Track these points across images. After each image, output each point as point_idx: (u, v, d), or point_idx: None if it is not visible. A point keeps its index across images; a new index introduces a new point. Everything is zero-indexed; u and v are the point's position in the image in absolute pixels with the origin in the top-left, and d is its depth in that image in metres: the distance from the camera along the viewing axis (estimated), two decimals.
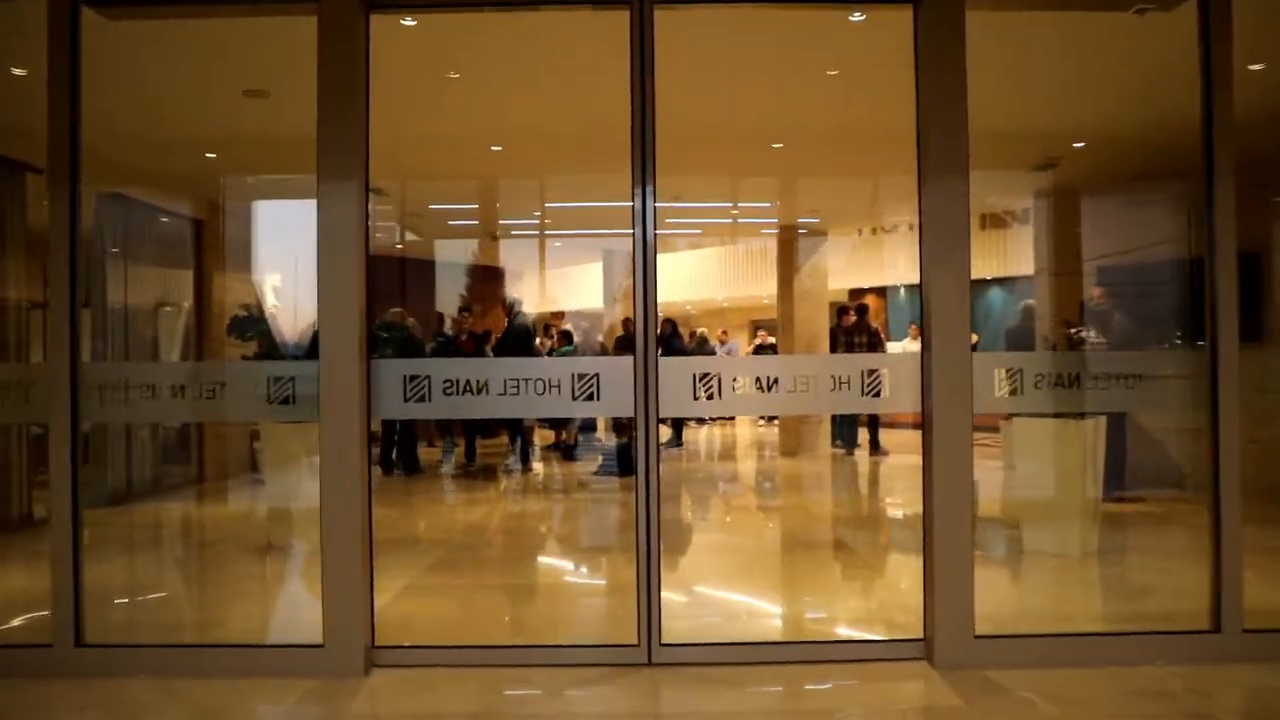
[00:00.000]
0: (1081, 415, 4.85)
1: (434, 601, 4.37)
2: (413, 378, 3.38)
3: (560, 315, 11.96)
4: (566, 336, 10.85)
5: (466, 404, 3.36)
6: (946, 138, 3.37)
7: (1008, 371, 3.47)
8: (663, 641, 3.35)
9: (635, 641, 3.35)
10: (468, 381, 3.35)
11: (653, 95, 3.46)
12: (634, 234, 3.43)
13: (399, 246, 12.27)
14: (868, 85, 5.26)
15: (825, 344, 10.89)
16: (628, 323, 11.56)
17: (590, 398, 3.32)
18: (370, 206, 3.55)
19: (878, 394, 3.41)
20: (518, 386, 3.33)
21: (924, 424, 3.39)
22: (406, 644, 3.43)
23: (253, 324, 5.36)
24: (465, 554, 5.46)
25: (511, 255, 13.98)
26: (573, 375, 3.34)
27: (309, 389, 3.35)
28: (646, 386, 3.33)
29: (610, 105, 3.56)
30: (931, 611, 3.34)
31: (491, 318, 10.59)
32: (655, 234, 3.47)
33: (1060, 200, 7.99)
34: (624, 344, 10.65)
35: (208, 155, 7.01)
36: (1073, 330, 5.80)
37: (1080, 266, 7.82)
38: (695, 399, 3.39)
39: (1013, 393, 3.45)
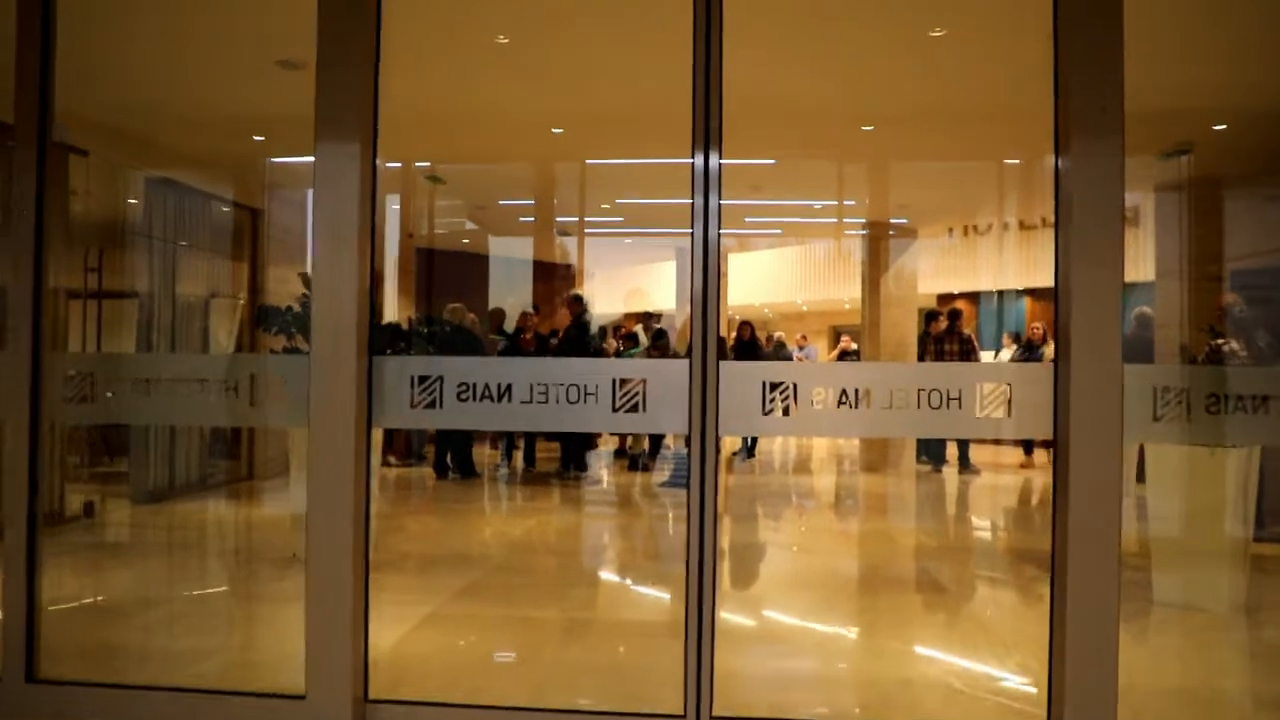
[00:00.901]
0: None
1: (454, 638, 3.81)
2: (422, 379, 2.80)
3: (644, 317, 11.39)
4: (632, 339, 10.25)
5: (483, 413, 2.77)
6: (1096, 102, 2.64)
7: (1167, 390, 2.71)
8: (715, 715, 2.70)
9: (681, 712, 2.71)
10: (486, 386, 2.76)
11: (719, 69, 2.81)
12: (693, 232, 2.79)
13: (465, 242, 11.88)
14: (981, 48, 4.53)
15: (913, 353, 10.06)
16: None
17: (634, 409, 2.69)
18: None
19: (1001, 414, 2.69)
20: (545, 393, 2.72)
21: (1058, 454, 2.66)
22: (405, 699, 2.85)
23: (277, 316, 4.89)
24: (503, 578, 4.90)
25: (583, 253, 13.50)
26: (613, 381, 2.71)
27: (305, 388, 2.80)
28: (704, 398, 2.69)
29: (678, 81, 2.94)
30: (1062, 689, 2.61)
31: (561, 317, 10.03)
32: (719, 229, 2.84)
33: (1195, 193, 7.04)
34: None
35: (255, 138, 6.64)
36: (1219, 342, 4.92)
37: (1219, 270, 6.86)
38: (765, 413, 2.73)
39: (1174, 417, 2.69)
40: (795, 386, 2.74)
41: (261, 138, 6.61)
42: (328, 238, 2.77)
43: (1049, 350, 9.75)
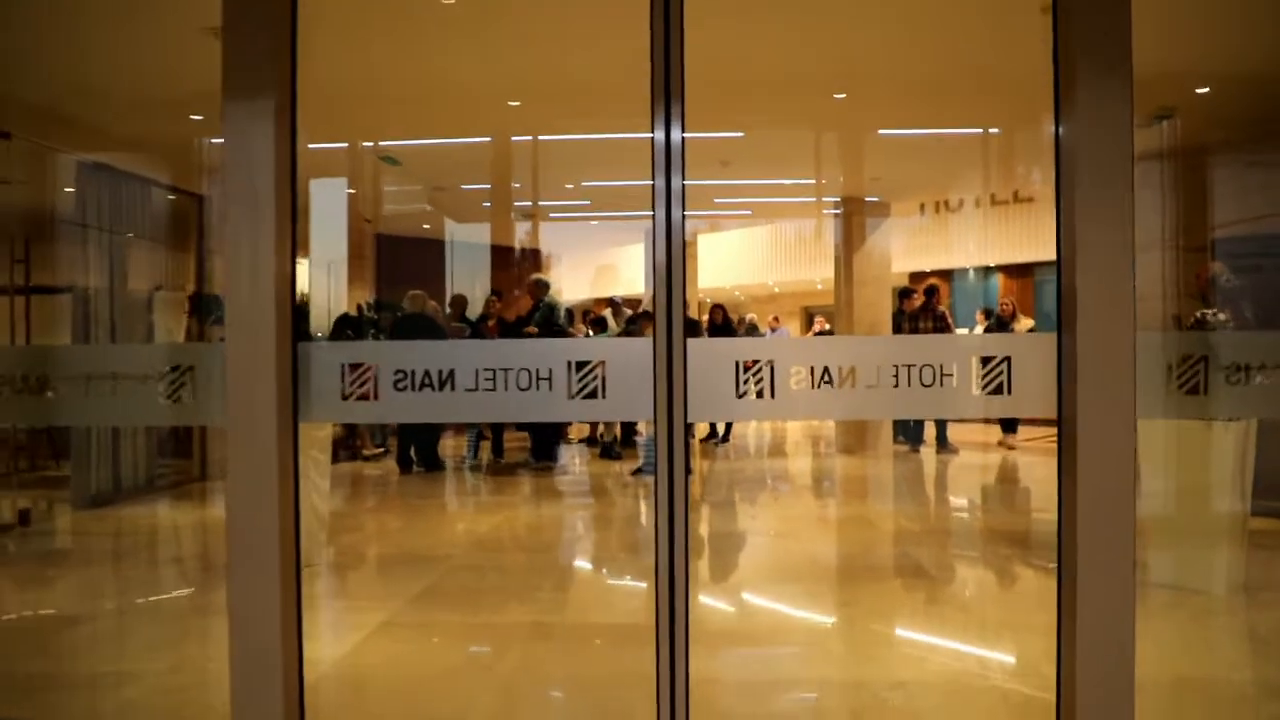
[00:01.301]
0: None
1: (408, 650, 3.50)
2: (354, 366, 2.49)
3: (611, 301, 11.09)
4: (600, 324, 9.96)
5: (425, 403, 2.46)
6: (1100, 40, 2.37)
7: (1183, 360, 2.47)
8: None
9: None
10: (427, 373, 2.45)
11: (680, 32, 2.49)
12: (654, 201, 2.49)
13: (426, 227, 11.50)
14: (959, 5, 4.27)
15: (889, 331, 9.86)
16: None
17: (593, 394, 2.39)
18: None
19: (1000, 390, 2.43)
20: (493, 379, 2.41)
21: (1064, 433, 2.40)
22: None
23: (217, 305, 4.51)
24: (465, 578, 4.60)
25: (548, 237, 13.15)
26: (569, 364, 2.41)
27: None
28: (670, 381, 2.40)
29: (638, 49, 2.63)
30: (1073, 684, 2.36)
31: (525, 303, 9.68)
32: (683, 197, 2.53)
33: (1178, 160, 6.84)
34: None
35: (193, 117, 6.24)
36: (1207, 312, 4.71)
37: (1204, 240, 6.68)
38: (739, 396, 2.44)
39: (1193, 389, 2.45)
40: (772, 365, 2.46)
41: (200, 116, 6.22)
42: (241, 212, 2.44)
43: (1020, 325, 9.64)
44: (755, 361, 2.46)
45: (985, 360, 2.45)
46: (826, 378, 2.49)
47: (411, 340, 8.48)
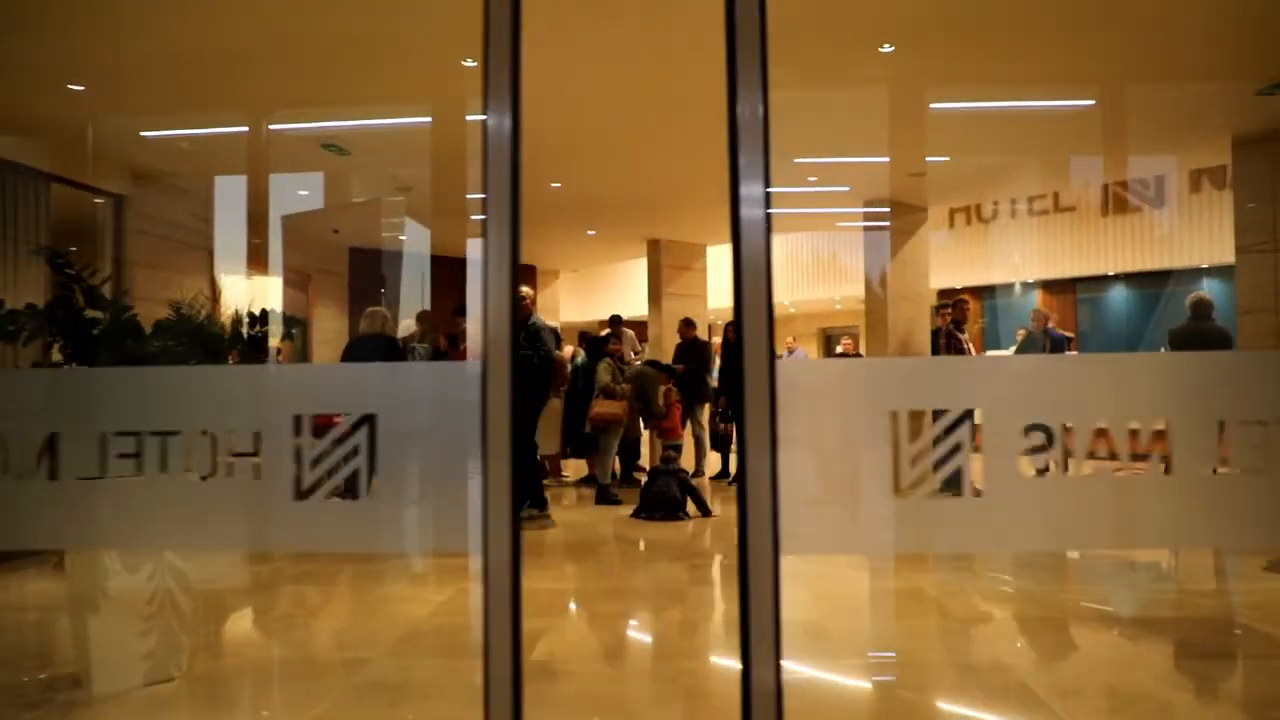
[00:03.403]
0: None
1: None
2: None
3: (615, 322, 9.77)
4: (596, 344, 8.63)
5: None
6: None
7: None
8: None
9: None
10: None
11: None
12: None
13: (402, 239, 10.23)
14: None
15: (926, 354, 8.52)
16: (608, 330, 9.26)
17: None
18: None
19: None
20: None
21: None
22: None
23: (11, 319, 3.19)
24: (375, 697, 3.26)
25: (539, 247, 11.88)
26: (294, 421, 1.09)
27: None
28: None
29: None
30: None
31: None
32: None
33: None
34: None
35: (71, 86, 5.01)
36: None
37: None
38: None
39: None
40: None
41: (81, 87, 4.98)
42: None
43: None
44: None
45: None
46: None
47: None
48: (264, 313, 6.25)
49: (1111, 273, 12.87)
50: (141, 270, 6.88)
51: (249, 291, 9.16)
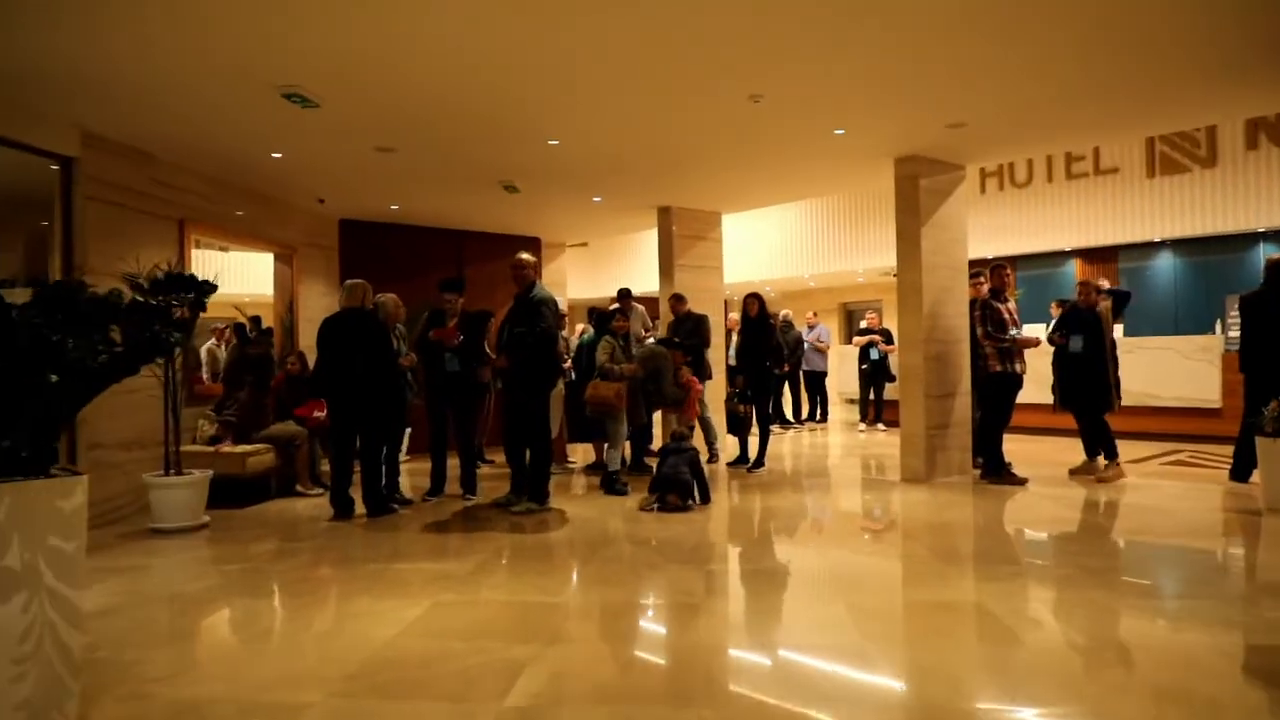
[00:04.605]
0: None
1: None
2: None
3: (623, 295, 9.08)
4: (604, 321, 7.88)
5: None
6: None
7: None
8: None
9: None
10: None
11: None
12: None
13: (395, 208, 9.50)
14: None
15: (963, 333, 7.74)
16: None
17: None
18: None
19: None
20: None
21: None
22: None
23: None
24: None
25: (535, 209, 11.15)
26: None
27: None
28: None
29: None
30: None
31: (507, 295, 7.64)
32: None
33: None
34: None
35: None
36: None
37: None
38: None
39: None
40: None
41: None
42: None
43: (1105, 306, 7.33)
44: None
45: None
46: None
47: (329, 350, 6.47)
48: (177, 276, 5.53)
49: (1158, 239, 12.00)
50: (95, 241, 6.20)
51: (224, 265, 8.50)
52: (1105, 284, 8.51)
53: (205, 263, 8.15)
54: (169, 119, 5.95)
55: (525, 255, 6.64)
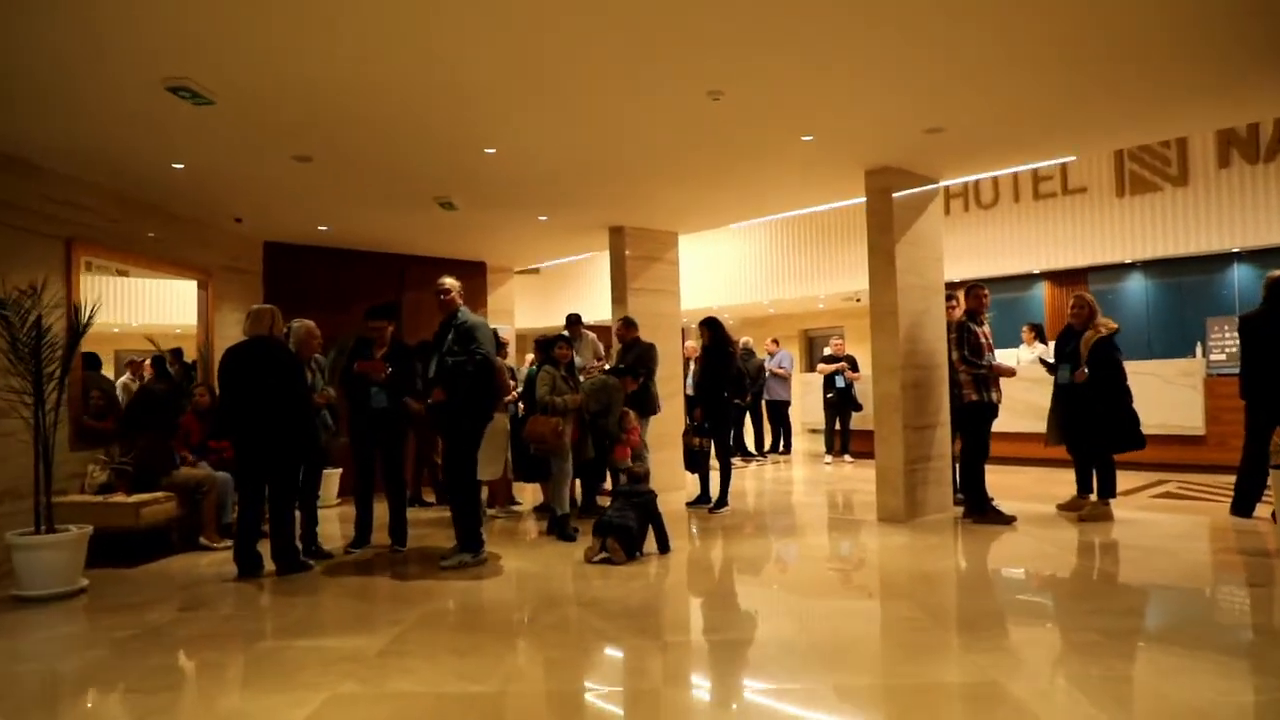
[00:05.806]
0: None
1: None
2: None
3: (571, 321, 8.35)
4: (548, 347, 7.13)
5: None
6: None
7: None
8: None
9: None
10: None
11: None
12: None
13: (324, 228, 8.73)
14: None
15: (941, 359, 7.15)
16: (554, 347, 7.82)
17: None
18: None
19: None
20: None
21: None
22: None
23: None
24: None
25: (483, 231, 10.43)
26: None
27: None
28: None
29: None
30: None
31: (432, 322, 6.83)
32: None
33: None
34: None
35: None
36: None
37: None
38: None
39: None
40: None
41: None
42: None
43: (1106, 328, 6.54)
44: None
45: None
46: None
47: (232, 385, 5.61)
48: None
49: (1129, 260, 11.60)
50: None
51: (119, 292, 7.63)
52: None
53: (112, 289, 7.30)
54: (47, 116, 5.14)
55: (449, 280, 5.91)
